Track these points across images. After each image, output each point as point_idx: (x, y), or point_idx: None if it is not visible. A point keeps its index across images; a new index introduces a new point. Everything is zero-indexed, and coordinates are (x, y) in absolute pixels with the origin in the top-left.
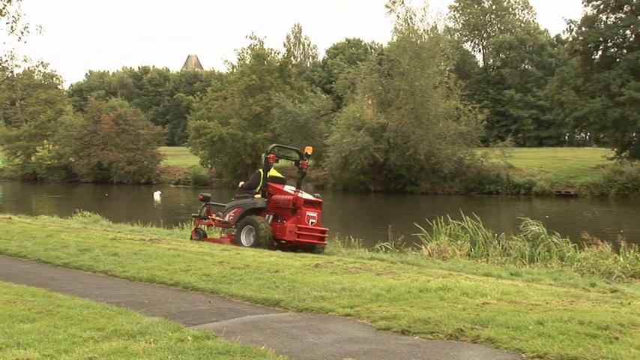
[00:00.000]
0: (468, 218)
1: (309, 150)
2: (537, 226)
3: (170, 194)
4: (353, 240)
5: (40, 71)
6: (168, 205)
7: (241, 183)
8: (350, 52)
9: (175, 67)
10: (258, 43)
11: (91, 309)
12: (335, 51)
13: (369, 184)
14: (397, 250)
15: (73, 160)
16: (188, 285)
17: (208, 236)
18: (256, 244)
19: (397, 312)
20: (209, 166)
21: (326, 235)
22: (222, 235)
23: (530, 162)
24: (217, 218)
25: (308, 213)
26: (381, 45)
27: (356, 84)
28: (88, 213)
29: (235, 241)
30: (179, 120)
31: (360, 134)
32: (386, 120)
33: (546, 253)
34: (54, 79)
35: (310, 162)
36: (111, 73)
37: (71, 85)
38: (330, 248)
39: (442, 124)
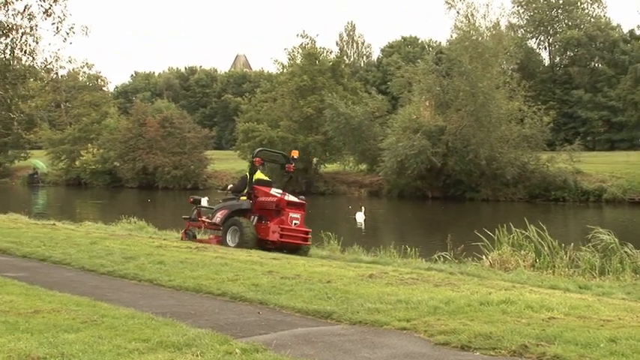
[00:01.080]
0: (532, 227)
1: (295, 154)
2: (608, 235)
3: (217, 200)
4: (409, 249)
5: (84, 73)
6: None
7: (230, 185)
8: (406, 50)
9: (223, 67)
10: (310, 42)
11: (136, 319)
12: (390, 49)
13: (426, 191)
14: (456, 261)
15: (118, 165)
16: (236, 295)
17: (198, 237)
18: (241, 245)
19: (456, 326)
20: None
21: (309, 235)
22: (210, 236)
23: (601, 167)
24: (207, 220)
25: (291, 214)
26: (439, 43)
27: (412, 84)
28: (134, 219)
29: (222, 241)
30: (227, 122)
31: (417, 137)
32: (444, 122)
33: (618, 264)
34: (99, 80)
35: (364, 166)
36: (157, 74)
37: (116, 87)
38: (385, 258)
39: (504, 127)
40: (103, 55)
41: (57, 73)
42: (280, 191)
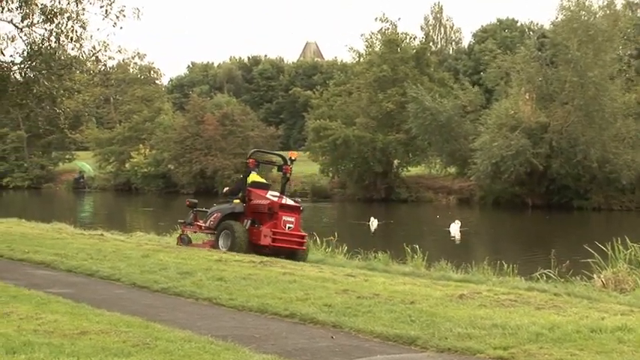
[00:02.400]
0: None
1: (293, 155)
2: None
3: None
4: (506, 266)
5: (135, 64)
6: None
7: (226, 188)
8: (502, 35)
9: (291, 56)
10: (390, 27)
11: (194, 343)
12: (484, 34)
13: (526, 198)
14: (562, 280)
15: (172, 168)
16: (306, 317)
17: (193, 242)
18: (232, 248)
19: (562, 356)
20: (330, 174)
21: (305, 240)
22: (205, 240)
23: None
24: (203, 224)
25: (285, 218)
26: (542, 26)
27: (510, 74)
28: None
29: (214, 245)
30: (295, 120)
31: (515, 136)
32: (547, 118)
33: None
34: (151, 72)
35: (453, 170)
36: (216, 64)
37: (170, 80)
38: (477, 275)
39: (620, 123)
40: (156, 44)
41: (105, 64)
42: (277, 194)
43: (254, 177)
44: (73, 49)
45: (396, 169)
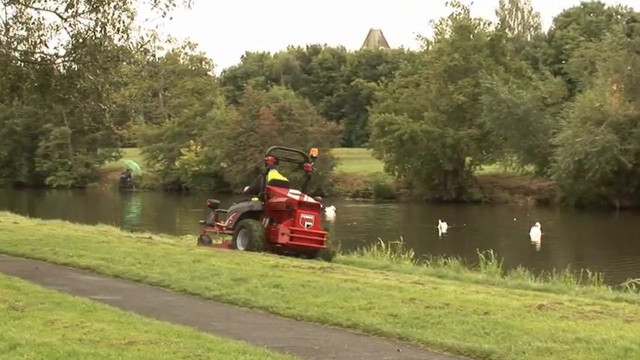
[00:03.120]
0: None
1: (314, 152)
2: None
3: (346, 210)
4: (590, 274)
5: (186, 54)
6: (344, 223)
7: (246, 187)
8: (587, 20)
9: (353, 45)
10: (462, 12)
11: (248, 355)
12: (566, 19)
13: (613, 199)
14: None
15: (225, 166)
16: (370, 327)
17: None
18: (249, 248)
19: None
20: (396, 173)
21: (325, 238)
22: (225, 240)
23: None
24: (223, 224)
25: (303, 216)
26: (631, 9)
27: (595, 63)
28: None
29: (232, 245)
30: (358, 113)
31: (601, 131)
32: (637, 111)
33: None
34: (203, 63)
35: (531, 168)
36: (272, 54)
37: (223, 71)
38: (558, 284)
39: None
40: (208, 32)
41: (154, 55)
42: (298, 192)
43: (274, 175)
44: (119, 40)
45: (468, 168)
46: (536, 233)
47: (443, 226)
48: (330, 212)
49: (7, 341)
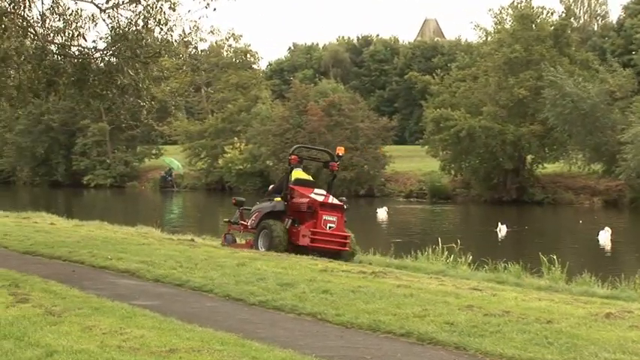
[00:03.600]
0: None
1: (340, 151)
2: None
3: (399, 211)
4: None
5: (230, 46)
6: (397, 225)
7: (271, 186)
8: None
9: (407, 36)
10: (524, 0)
11: None
12: (636, 7)
13: None
14: None
15: (271, 164)
16: (424, 336)
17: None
18: (270, 249)
19: None
20: (452, 172)
21: (348, 240)
22: (248, 239)
23: None
24: (246, 223)
25: (325, 217)
26: None
27: None
28: None
29: (253, 245)
30: (412, 109)
31: None
32: None
33: None
34: (248, 56)
35: (598, 167)
36: (321, 46)
37: (269, 64)
38: (627, 291)
39: None
40: (253, 23)
41: (196, 48)
42: (323, 192)
43: (298, 174)
44: (160, 33)
45: (530, 166)
46: (605, 237)
47: (502, 229)
48: (382, 213)
49: (44, 348)
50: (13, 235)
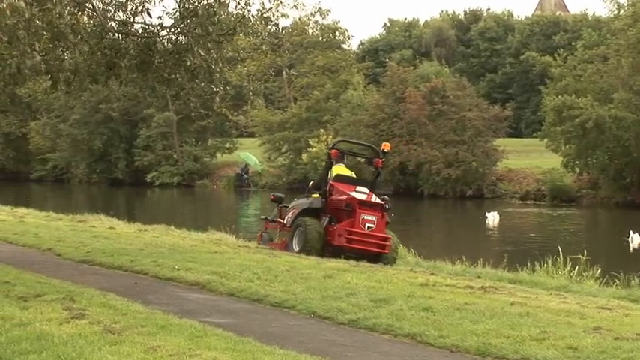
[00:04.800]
0: None
1: (386, 147)
2: None
3: (513, 215)
4: None
5: (316, 23)
6: (510, 232)
7: (312, 182)
8: None
9: (523, 10)
10: None
11: None
12: None
13: None
14: None
15: (363, 161)
16: None
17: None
18: (304, 248)
19: None
20: (577, 170)
21: (388, 242)
22: (284, 238)
23: None
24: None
25: (364, 216)
26: None
27: None
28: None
29: (287, 245)
30: (528, 95)
31: None
32: None
33: None
34: (336, 34)
35: None
36: (422, 22)
37: (362, 44)
38: None
39: None
40: None
41: (277, 25)
42: (366, 190)
43: (340, 170)
44: (236, 8)
45: None
46: None
47: (634, 238)
48: (493, 218)
49: None
50: (68, 241)
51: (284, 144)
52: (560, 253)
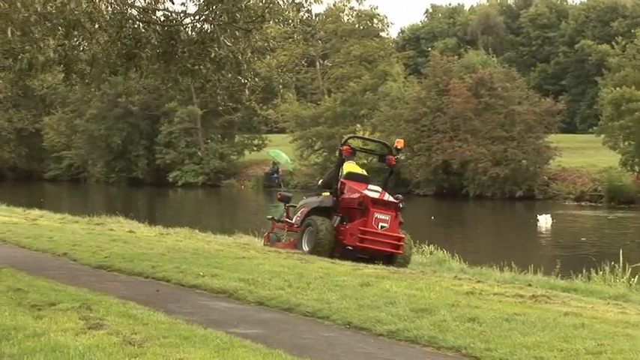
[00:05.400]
0: None
1: (399, 144)
2: None
3: (566, 218)
4: None
5: (352, 9)
6: (564, 236)
7: (320, 180)
8: None
9: None
10: None
11: None
12: None
13: None
14: None
15: (403, 158)
16: None
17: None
18: (314, 248)
19: None
20: (637, 168)
21: (402, 243)
22: (292, 239)
23: None
24: (293, 222)
25: (377, 215)
26: None
27: None
28: (430, 248)
29: (297, 245)
30: (584, 87)
31: None
32: None
33: None
34: (374, 21)
35: None
36: (467, 8)
37: (402, 32)
38: None
39: None
40: None
41: (309, 12)
42: (378, 189)
43: (351, 167)
44: None
45: None
46: None
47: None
48: (545, 221)
49: None
50: (84, 246)
51: (317, 140)
52: (620, 259)
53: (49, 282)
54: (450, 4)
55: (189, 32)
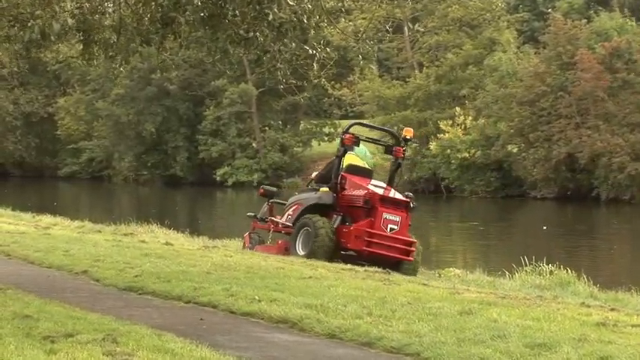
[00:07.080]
0: None
1: (408, 133)
2: None
3: None
4: None
5: None
6: None
7: (314, 173)
8: None
9: None
10: None
11: None
12: None
13: None
14: None
15: (515, 151)
16: None
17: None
18: (311, 253)
19: None
20: None
21: (413, 248)
22: (280, 241)
23: None
24: (279, 220)
25: (386, 216)
26: None
27: None
28: (549, 266)
29: (289, 249)
30: None
31: None
32: None
33: None
34: None
35: None
36: None
37: None
38: None
39: None
40: None
41: None
42: (383, 185)
43: (352, 159)
44: None
45: None
46: None
47: None
48: None
49: None
50: (109, 262)
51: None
52: None
53: (65, 307)
54: None
55: None
